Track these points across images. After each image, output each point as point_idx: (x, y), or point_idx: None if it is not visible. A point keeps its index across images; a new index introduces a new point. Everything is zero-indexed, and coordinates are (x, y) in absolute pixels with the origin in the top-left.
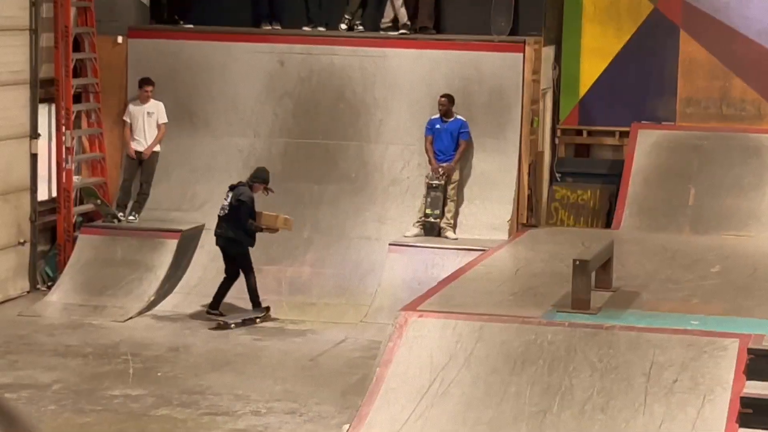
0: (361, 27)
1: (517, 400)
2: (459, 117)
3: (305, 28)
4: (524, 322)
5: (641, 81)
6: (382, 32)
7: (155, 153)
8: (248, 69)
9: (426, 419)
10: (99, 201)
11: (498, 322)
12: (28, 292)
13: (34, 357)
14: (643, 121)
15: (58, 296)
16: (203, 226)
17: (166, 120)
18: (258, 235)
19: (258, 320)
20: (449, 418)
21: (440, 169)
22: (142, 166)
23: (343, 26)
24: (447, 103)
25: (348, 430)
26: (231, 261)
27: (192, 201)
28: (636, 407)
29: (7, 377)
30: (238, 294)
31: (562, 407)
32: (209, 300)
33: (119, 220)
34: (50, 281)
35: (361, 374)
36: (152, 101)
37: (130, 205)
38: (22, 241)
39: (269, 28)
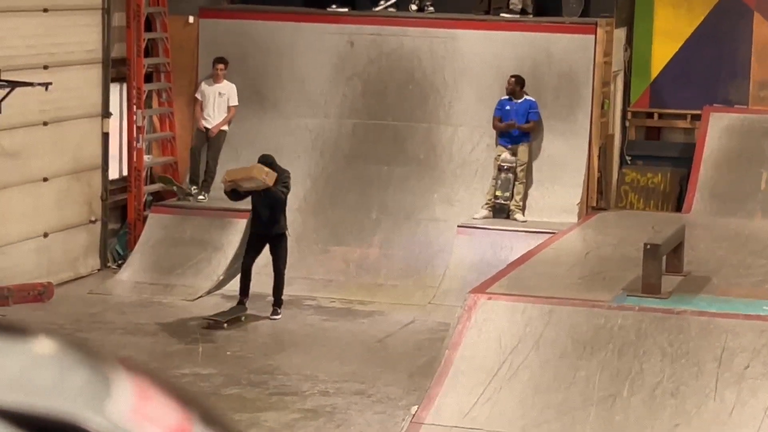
0: (431, 8)
1: (587, 384)
2: (528, 97)
3: (376, 9)
4: (594, 305)
5: (713, 64)
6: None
7: (222, 131)
8: (318, 50)
9: (494, 402)
10: (175, 187)
11: (567, 306)
12: (98, 270)
13: (104, 335)
14: (715, 105)
15: (128, 275)
16: None
17: (236, 103)
18: (324, 214)
19: (242, 318)
20: (518, 401)
21: (508, 152)
22: (209, 143)
23: (414, 7)
24: (514, 83)
25: (416, 412)
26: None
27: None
28: (707, 393)
29: None
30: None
31: (632, 392)
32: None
33: (188, 194)
34: (120, 260)
35: (428, 356)
36: (225, 82)
37: (199, 183)
38: (93, 219)
39: (339, 9)
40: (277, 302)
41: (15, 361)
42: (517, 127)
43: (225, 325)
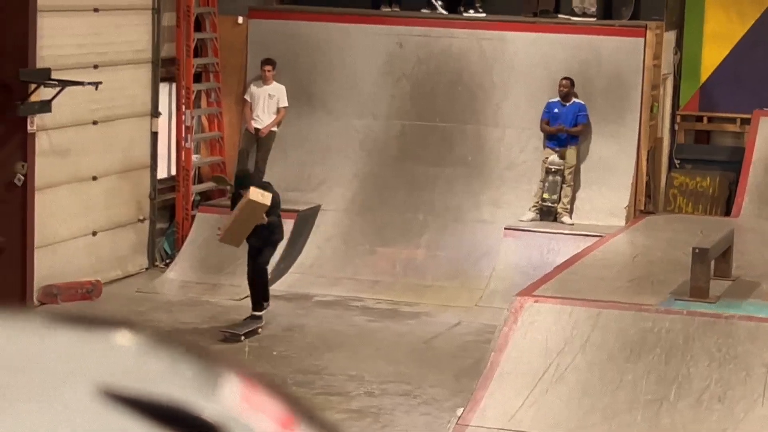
0: (480, 10)
1: (633, 388)
2: (578, 100)
3: (424, 11)
4: (641, 309)
5: (764, 67)
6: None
7: (272, 132)
8: (367, 51)
9: (540, 405)
10: (229, 186)
11: (615, 309)
12: (146, 269)
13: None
14: (765, 108)
15: (176, 274)
16: (320, 206)
17: (286, 104)
18: (372, 215)
19: (260, 330)
20: (564, 404)
21: (556, 155)
22: (258, 144)
23: (462, 9)
24: (569, 86)
25: (462, 413)
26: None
27: (309, 181)
28: (755, 398)
29: None
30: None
31: (679, 396)
32: (325, 280)
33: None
34: (168, 258)
35: (474, 358)
36: (275, 83)
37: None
38: (141, 218)
39: (389, 9)
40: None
41: (128, 352)
42: (566, 131)
43: (242, 337)
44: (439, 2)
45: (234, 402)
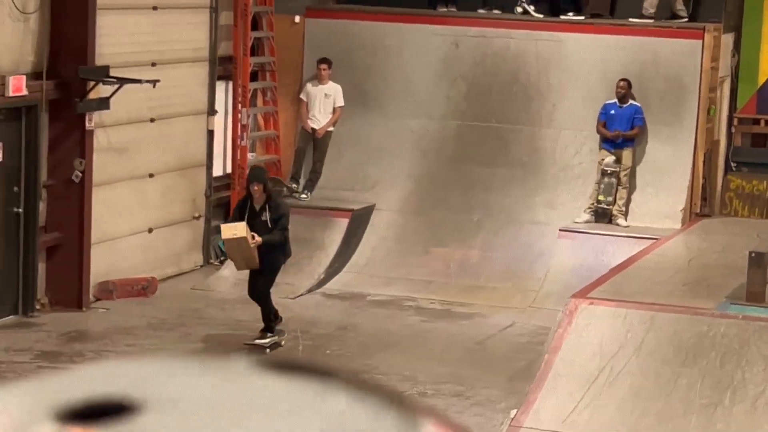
0: (532, 8)
1: (688, 392)
2: (634, 102)
3: (480, 11)
4: (696, 313)
5: None
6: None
7: (328, 132)
8: (423, 51)
9: (594, 408)
10: (285, 188)
11: (670, 313)
12: (201, 266)
13: (207, 330)
14: None
15: (230, 271)
16: (374, 206)
17: (342, 104)
18: (426, 215)
19: (282, 343)
20: (617, 407)
21: (618, 138)
22: (314, 144)
23: (519, 9)
24: (626, 87)
25: (515, 415)
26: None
27: (363, 181)
28: None
29: (181, 350)
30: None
31: (734, 401)
32: (378, 280)
33: (295, 192)
34: (223, 256)
35: (528, 360)
36: (331, 83)
37: (302, 183)
38: (196, 215)
39: (445, 10)
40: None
41: (338, 400)
42: (623, 135)
43: (267, 350)
44: (532, 6)
45: None
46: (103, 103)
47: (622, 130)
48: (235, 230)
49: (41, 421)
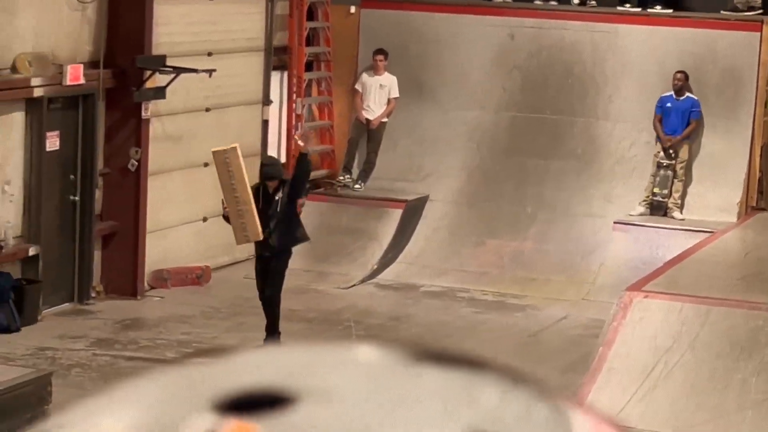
0: (593, 2)
1: (742, 387)
2: (691, 95)
3: (537, 2)
4: (752, 307)
5: None
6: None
7: (383, 123)
8: (478, 42)
9: (648, 402)
10: (334, 183)
11: (725, 307)
12: (254, 255)
13: (260, 320)
14: None
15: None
16: (428, 197)
17: (397, 95)
18: (480, 207)
19: None
20: (671, 401)
21: (668, 142)
22: (369, 135)
23: (576, 1)
24: (683, 79)
25: None
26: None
27: (417, 172)
28: None
29: (234, 338)
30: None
31: None
32: (432, 270)
33: (344, 184)
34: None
35: (581, 353)
36: (386, 74)
37: (356, 173)
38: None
39: (500, 1)
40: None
41: (490, 393)
42: (678, 141)
43: None
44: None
45: None
46: (160, 93)
47: (677, 123)
48: (227, 146)
49: (198, 412)
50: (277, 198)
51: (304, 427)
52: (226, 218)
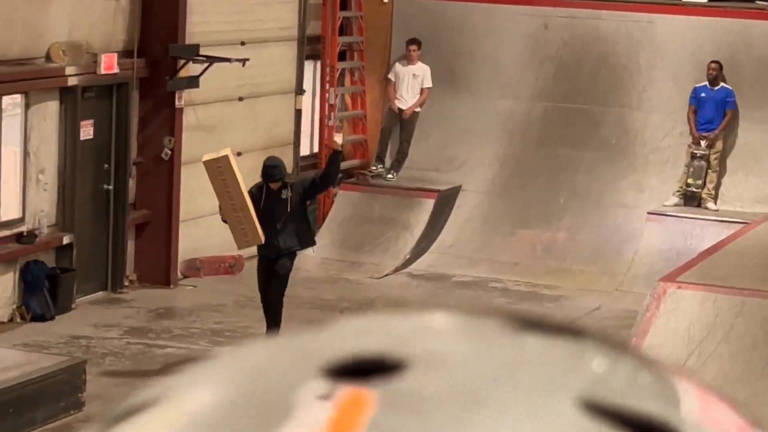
0: None
1: None
2: (725, 85)
3: None
4: None
5: None
6: None
7: (416, 113)
8: (511, 31)
9: None
10: (367, 172)
11: (760, 298)
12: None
13: (293, 309)
14: None
15: (317, 250)
16: (460, 186)
17: (431, 85)
18: (512, 197)
19: None
20: None
21: (702, 140)
22: (402, 124)
23: None
24: (717, 69)
25: None
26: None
27: (450, 162)
28: None
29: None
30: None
31: None
32: (464, 261)
33: (377, 174)
34: None
35: None
36: (419, 64)
37: (389, 163)
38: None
39: None
40: None
41: (597, 362)
42: (715, 136)
43: None
44: None
45: (694, 415)
46: (193, 82)
47: (712, 114)
48: (217, 153)
49: (311, 378)
50: (284, 197)
51: (415, 393)
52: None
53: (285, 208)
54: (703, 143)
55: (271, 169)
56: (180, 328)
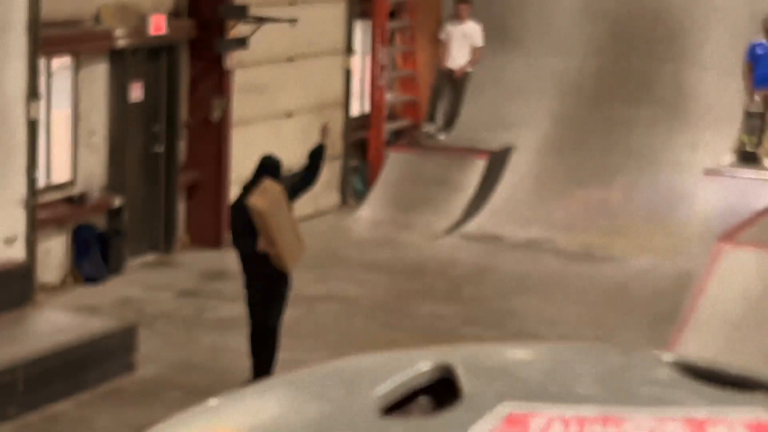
0: None
1: None
2: None
3: None
4: None
5: None
6: None
7: (467, 73)
8: None
9: (739, 354)
10: (418, 133)
11: None
12: (338, 206)
13: (344, 271)
14: None
15: (367, 212)
16: (512, 147)
17: (481, 44)
18: (565, 156)
19: None
20: (763, 353)
21: (757, 97)
22: (453, 84)
23: None
24: None
25: None
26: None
27: (502, 121)
28: None
29: (319, 289)
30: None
31: None
32: (517, 221)
33: (429, 134)
34: (360, 196)
35: (670, 304)
36: (470, 23)
37: (440, 123)
38: (334, 155)
39: None
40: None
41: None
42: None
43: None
44: None
45: None
46: (242, 43)
47: None
48: (264, 191)
49: None
50: None
51: None
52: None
53: None
54: (757, 100)
55: (270, 170)
56: (231, 289)
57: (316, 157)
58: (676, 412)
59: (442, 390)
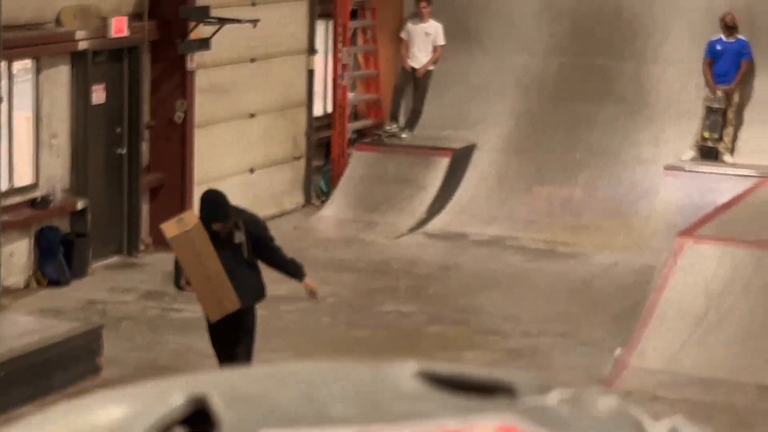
0: None
1: None
2: (741, 37)
3: None
4: None
5: None
6: None
7: (429, 72)
8: None
9: (701, 347)
10: (381, 132)
11: None
12: (302, 206)
13: (309, 270)
14: None
15: (332, 211)
16: (475, 145)
17: (443, 42)
18: (528, 154)
19: None
20: (725, 347)
21: (719, 92)
22: (415, 83)
23: None
24: (734, 20)
25: (621, 354)
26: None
27: (465, 120)
28: None
29: (283, 289)
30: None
31: None
32: (480, 219)
33: (391, 133)
34: (324, 196)
35: (633, 299)
36: (432, 21)
37: (403, 122)
38: (297, 156)
39: None
40: None
41: None
42: (732, 89)
43: None
44: None
45: None
46: (204, 44)
47: (728, 66)
48: (181, 220)
49: None
50: (237, 241)
51: None
52: (182, 287)
53: (240, 254)
54: (719, 96)
55: (215, 208)
56: None
57: (285, 271)
58: (428, 426)
59: (200, 421)
